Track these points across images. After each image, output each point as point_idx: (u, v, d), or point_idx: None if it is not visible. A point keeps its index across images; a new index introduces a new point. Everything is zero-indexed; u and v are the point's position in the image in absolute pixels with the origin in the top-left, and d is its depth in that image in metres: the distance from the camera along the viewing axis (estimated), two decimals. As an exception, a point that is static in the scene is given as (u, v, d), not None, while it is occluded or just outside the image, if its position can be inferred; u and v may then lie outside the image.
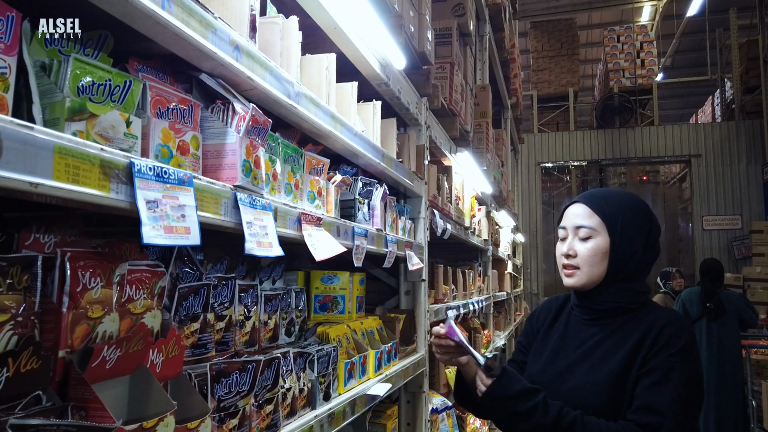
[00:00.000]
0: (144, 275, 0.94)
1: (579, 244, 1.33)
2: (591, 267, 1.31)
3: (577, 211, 1.36)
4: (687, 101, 16.35)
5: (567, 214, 1.39)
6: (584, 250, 1.32)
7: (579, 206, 1.36)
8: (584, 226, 1.33)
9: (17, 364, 0.71)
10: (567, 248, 1.35)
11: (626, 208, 1.33)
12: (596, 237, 1.31)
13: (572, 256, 1.34)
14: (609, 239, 1.30)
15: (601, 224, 1.31)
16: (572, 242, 1.35)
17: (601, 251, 1.31)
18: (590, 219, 1.33)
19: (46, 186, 0.66)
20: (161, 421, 0.82)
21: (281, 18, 1.29)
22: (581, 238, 1.33)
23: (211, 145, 1.04)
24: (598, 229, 1.31)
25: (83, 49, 0.88)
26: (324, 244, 1.30)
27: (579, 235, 1.33)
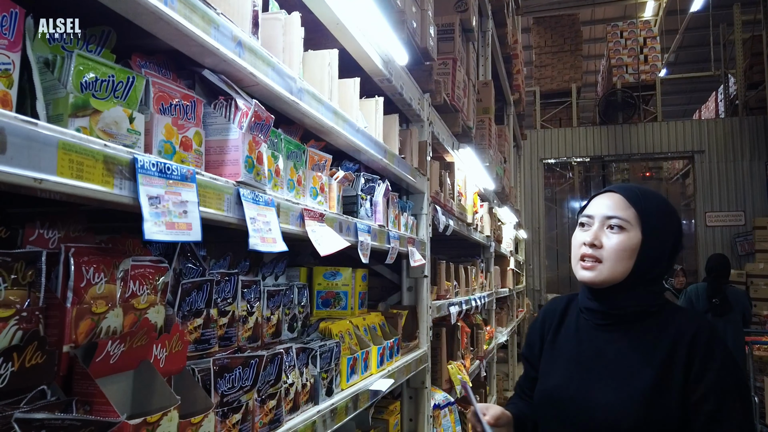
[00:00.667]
0: (147, 271, 0.95)
1: (607, 236, 1.22)
2: (616, 263, 1.20)
3: (610, 201, 1.25)
4: (690, 97, 16.29)
5: (597, 202, 1.27)
6: (613, 242, 1.20)
7: (614, 196, 1.25)
8: (617, 217, 1.21)
9: (22, 359, 0.71)
10: (592, 237, 1.22)
11: (661, 206, 1.24)
12: (629, 231, 1.21)
13: (597, 247, 1.22)
14: (641, 236, 1.21)
15: (636, 218, 1.21)
16: (598, 232, 1.23)
17: (630, 247, 1.20)
18: (626, 211, 1.22)
19: (50, 182, 0.66)
20: (165, 415, 0.83)
21: (283, 14, 1.29)
22: (611, 230, 1.22)
23: (213, 141, 1.04)
24: (632, 222, 1.21)
25: (86, 45, 0.89)
26: (328, 239, 1.30)
27: (608, 225, 1.22)
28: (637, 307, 1.22)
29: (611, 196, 1.26)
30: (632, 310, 1.22)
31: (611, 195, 1.26)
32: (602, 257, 1.21)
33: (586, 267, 1.22)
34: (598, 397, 1.19)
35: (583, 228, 1.26)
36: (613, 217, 1.22)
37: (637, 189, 1.26)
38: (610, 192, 1.27)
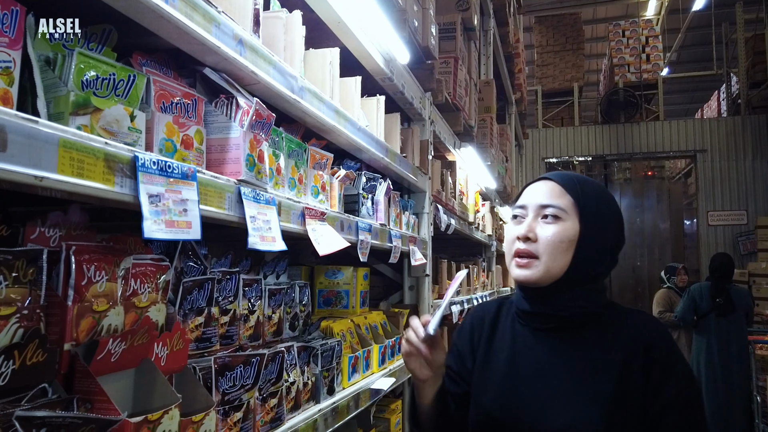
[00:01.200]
0: (148, 269, 0.95)
1: (542, 227, 1.07)
2: (553, 256, 1.05)
3: (544, 188, 1.11)
4: (693, 96, 16.25)
5: (530, 191, 1.14)
6: (548, 233, 1.06)
7: (548, 183, 1.12)
8: (552, 206, 1.07)
9: (23, 357, 0.71)
10: (525, 229, 1.07)
11: (600, 193, 1.12)
12: (565, 220, 1.07)
13: (531, 240, 1.07)
14: (579, 226, 1.07)
15: (572, 206, 1.08)
16: (532, 223, 1.08)
17: (568, 238, 1.06)
18: (561, 198, 1.08)
19: (50, 179, 0.66)
20: (166, 413, 0.83)
21: (285, 12, 1.28)
22: (546, 220, 1.07)
23: (214, 140, 1.04)
24: (568, 211, 1.07)
25: (87, 44, 0.89)
26: (328, 238, 1.30)
27: (543, 215, 1.08)
28: (581, 308, 1.08)
29: (545, 183, 1.13)
30: (576, 311, 1.07)
31: (545, 182, 1.13)
32: (538, 252, 1.06)
33: (521, 264, 1.08)
34: (551, 419, 1.02)
35: (516, 221, 1.13)
36: (548, 205, 1.08)
37: (573, 175, 1.14)
38: (544, 179, 1.14)
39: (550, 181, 1.12)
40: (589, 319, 1.08)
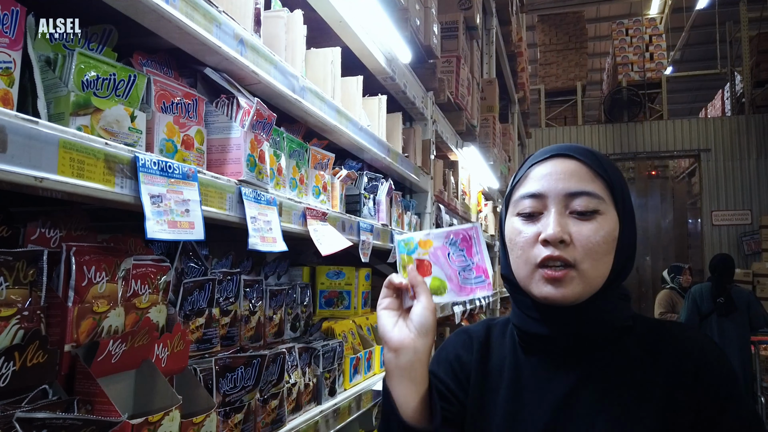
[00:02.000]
0: (149, 270, 0.94)
1: (576, 224, 0.79)
2: (595, 263, 0.78)
3: (568, 169, 0.82)
4: (696, 95, 16.19)
5: (545, 173, 0.83)
6: (589, 233, 0.78)
7: (572, 163, 0.82)
8: (588, 193, 0.79)
9: (24, 358, 0.71)
10: (556, 227, 0.78)
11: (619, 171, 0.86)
12: (605, 213, 0.80)
13: (565, 244, 0.78)
14: (617, 218, 0.81)
15: (608, 192, 0.81)
16: (561, 219, 0.79)
17: (611, 237, 0.79)
18: (593, 183, 0.81)
19: (50, 180, 0.66)
20: (167, 415, 0.83)
21: (286, 11, 1.28)
22: (579, 215, 0.79)
23: (215, 140, 1.04)
24: (606, 199, 0.80)
25: (88, 44, 0.88)
26: (329, 238, 1.29)
27: (574, 208, 0.80)
28: (612, 323, 0.82)
29: (567, 162, 0.82)
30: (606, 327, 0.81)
31: (566, 161, 0.83)
32: (575, 259, 0.78)
33: (555, 277, 0.78)
34: None
35: (530, 218, 0.82)
36: (581, 192, 0.80)
37: (590, 149, 0.86)
38: (561, 156, 0.83)
39: (573, 159, 0.82)
40: (619, 336, 0.83)
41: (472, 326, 0.98)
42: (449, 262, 0.84)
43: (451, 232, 0.84)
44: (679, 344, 0.81)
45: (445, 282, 0.84)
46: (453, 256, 0.84)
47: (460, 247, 0.84)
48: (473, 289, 0.83)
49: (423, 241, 0.84)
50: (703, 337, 0.83)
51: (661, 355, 0.81)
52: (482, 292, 0.83)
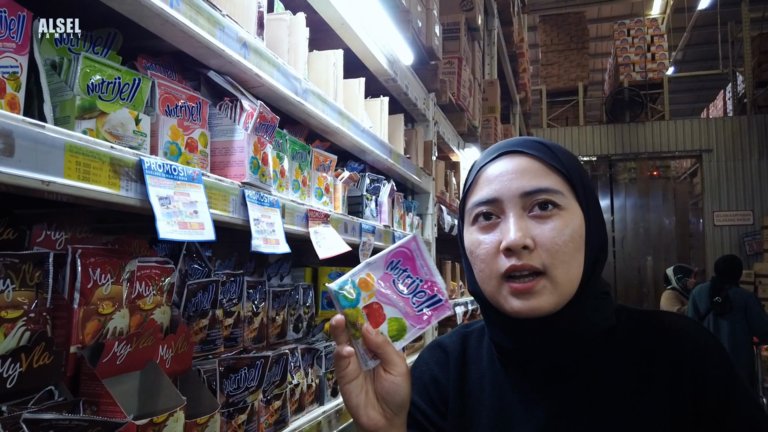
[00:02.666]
0: (153, 272, 0.95)
1: (537, 226, 0.72)
2: (566, 266, 0.71)
3: (519, 167, 0.74)
4: (698, 95, 16.17)
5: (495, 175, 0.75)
6: (553, 232, 0.71)
7: (521, 159, 0.75)
8: (544, 189, 0.72)
9: (30, 360, 0.72)
10: (517, 233, 0.70)
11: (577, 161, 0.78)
12: (566, 208, 0.72)
13: (529, 249, 0.70)
14: (581, 212, 0.74)
15: (566, 185, 0.74)
16: (521, 222, 0.72)
17: (577, 233, 0.72)
18: (549, 177, 0.73)
19: (57, 184, 0.67)
20: (171, 415, 0.83)
21: (289, 14, 1.29)
22: (537, 214, 0.72)
23: (219, 143, 1.04)
24: (566, 194, 0.73)
25: (93, 47, 0.89)
26: (329, 242, 1.30)
27: (532, 208, 0.72)
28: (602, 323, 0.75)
29: (516, 159, 0.75)
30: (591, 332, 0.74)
31: (513, 158, 0.75)
32: (543, 265, 0.70)
33: (523, 289, 0.70)
34: None
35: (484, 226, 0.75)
36: (537, 190, 0.72)
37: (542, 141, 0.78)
38: (513, 154, 0.76)
39: (523, 155, 0.75)
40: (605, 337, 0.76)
41: (446, 338, 0.89)
42: (398, 292, 0.72)
43: (390, 255, 0.73)
44: (672, 338, 0.74)
45: (402, 319, 0.72)
46: (399, 282, 0.73)
47: (402, 267, 0.73)
48: (430, 315, 0.73)
49: (363, 279, 0.72)
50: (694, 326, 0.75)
51: (654, 354, 0.73)
52: (441, 314, 0.73)
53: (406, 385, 0.70)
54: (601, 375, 0.74)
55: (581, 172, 0.77)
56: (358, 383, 0.71)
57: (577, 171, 0.76)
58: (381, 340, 0.70)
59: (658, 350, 0.73)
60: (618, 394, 0.72)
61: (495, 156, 0.77)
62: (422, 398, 0.84)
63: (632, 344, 0.75)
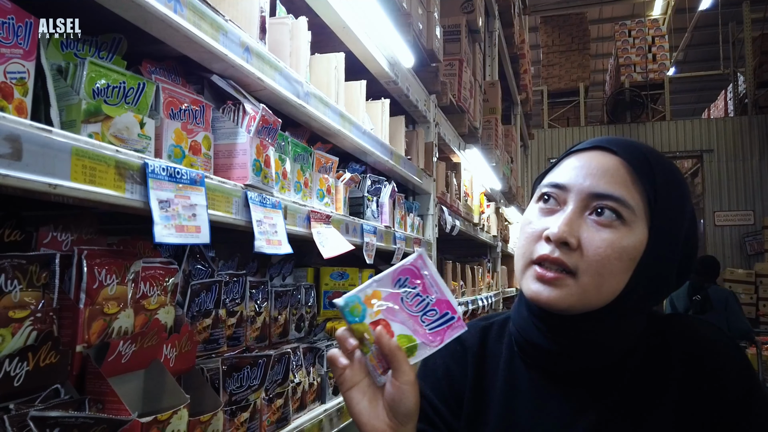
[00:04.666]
0: (157, 272, 0.97)
1: (591, 229, 0.69)
2: (602, 278, 0.68)
3: (603, 165, 0.71)
4: (699, 96, 16.16)
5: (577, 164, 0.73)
6: (602, 243, 0.68)
7: (611, 158, 0.72)
8: (615, 198, 0.69)
9: (36, 359, 0.73)
10: (564, 226, 0.69)
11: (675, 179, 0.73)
12: (630, 225, 0.69)
13: (570, 247, 0.69)
14: (647, 234, 0.70)
15: (643, 204, 0.70)
16: (576, 219, 0.70)
17: (629, 254, 0.69)
18: (628, 188, 0.70)
19: (64, 187, 0.68)
20: (175, 414, 0.85)
21: (290, 18, 1.30)
22: (598, 219, 0.69)
23: (222, 145, 1.06)
24: (636, 211, 0.69)
25: (98, 52, 0.91)
26: (332, 241, 1.31)
27: (596, 210, 0.70)
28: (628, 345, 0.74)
29: (605, 156, 0.72)
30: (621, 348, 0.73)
31: (605, 155, 0.73)
32: (577, 267, 0.69)
33: (545, 278, 0.70)
34: None
35: (545, 207, 0.74)
36: (607, 196, 0.69)
37: (642, 148, 0.73)
38: (603, 150, 0.73)
39: (614, 155, 0.72)
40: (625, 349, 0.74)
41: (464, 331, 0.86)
42: (406, 310, 0.70)
43: (397, 273, 0.71)
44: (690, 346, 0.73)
45: (412, 336, 0.70)
46: (408, 300, 0.71)
47: (411, 286, 0.71)
48: (444, 332, 0.70)
49: (369, 296, 0.70)
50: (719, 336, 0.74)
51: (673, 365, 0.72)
52: (455, 332, 0.71)
53: (414, 393, 0.68)
54: (619, 383, 0.72)
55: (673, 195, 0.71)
56: (360, 389, 0.69)
57: (667, 192, 0.71)
58: (395, 345, 0.67)
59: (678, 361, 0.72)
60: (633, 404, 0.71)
61: (589, 147, 0.75)
62: (434, 392, 0.82)
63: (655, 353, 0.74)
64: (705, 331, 0.74)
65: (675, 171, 0.74)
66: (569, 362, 0.73)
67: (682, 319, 0.77)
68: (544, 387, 0.75)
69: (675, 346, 0.73)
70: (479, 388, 0.80)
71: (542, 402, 0.74)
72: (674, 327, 0.75)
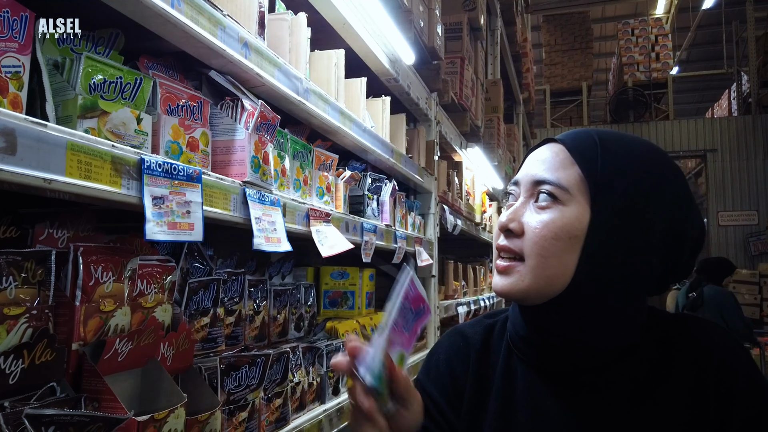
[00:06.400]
0: (155, 270, 0.96)
1: (530, 213, 0.73)
2: (544, 260, 0.70)
3: (544, 156, 0.75)
4: (703, 95, 16.12)
5: (529, 160, 0.77)
6: (536, 223, 0.71)
7: (552, 147, 0.75)
8: (548, 181, 0.72)
9: (32, 356, 0.73)
10: (509, 215, 0.74)
11: (639, 156, 0.72)
12: (566, 204, 0.71)
13: (514, 233, 0.73)
14: (590, 212, 0.70)
15: (580, 182, 0.71)
16: (521, 208, 0.74)
17: (566, 231, 0.69)
18: (564, 170, 0.72)
19: (59, 182, 0.68)
20: (172, 412, 0.84)
21: (290, 14, 1.29)
22: (538, 203, 0.73)
23: (220, 142, 1.05)
24: (571, 190, 0.71)
25: (95, 47, 0.90)
26: (332, 240, 1.31)
27: (537, 197, 0.73)
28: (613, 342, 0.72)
29: (549, 148, 0.76)
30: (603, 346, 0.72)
31: (550, 147, 0.76)
32: (522, 251, 0.71)
33: (500, 269, 0.73)
34: None
35: (508, 203, 0.78)
36: (543, 181, 0.72)
37: (595, 133, 0.74)
38: (551, 142, 0.77)
39: (556, 143, 0.75)
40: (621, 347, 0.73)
41: (468, 327, 0.86)
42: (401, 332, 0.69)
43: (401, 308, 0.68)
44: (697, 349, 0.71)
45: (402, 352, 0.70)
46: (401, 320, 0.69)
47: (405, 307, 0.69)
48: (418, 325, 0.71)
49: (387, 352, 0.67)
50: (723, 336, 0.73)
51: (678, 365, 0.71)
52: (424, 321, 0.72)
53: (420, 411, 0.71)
54: (620, 383, 0.71)
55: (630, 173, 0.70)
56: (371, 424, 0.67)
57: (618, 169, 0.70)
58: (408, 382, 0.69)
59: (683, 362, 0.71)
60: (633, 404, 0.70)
61: (541, 143, 0.79)
62: (437, 389, 0.83)
63: (656, 354, 0.73)
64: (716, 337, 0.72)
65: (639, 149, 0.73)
66: (557, 359, 0.73)
67: (690, 321, 0.75)
68: (541, 386, 0.75)
69: (680, 349, 0.72)
70: (479, 385, 0.80)
71: (539, 402, 0.74)
72: (681, 328, 0.74)
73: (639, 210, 0.70)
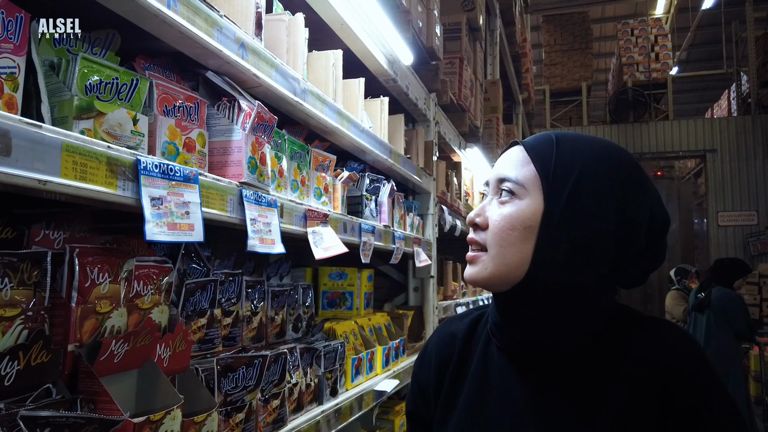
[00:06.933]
0: (151, 271, 0.96)
1: (494, 209, 0.80)
2: (502, 249, 0.77)
3: (508, 155, 0.84)
4: (702, 95, 16.12)
5: (497, 162, 0.86)
6: (495, 216, 0.79)
7: (514, 150, 0.84)
8: (509, 179, 0.80)
9: (28, 358, 0.72)
10: (475, 213, 0.83)
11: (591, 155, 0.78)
12: (522, 198, 0.78)
13: (480, 228, 0.81)
14: (543, 205, 0.76)
15: (534, 178, 0.78)
16: (487, 204, 0.82)
17: (521, 222, 0.77)
18: (521, 169, 0.79)
19: (54, 183, 0.67)
20: (168, 414, 0.84)
21: (287, 15, 1.29)
22: (500, 201, 0.80)
23: (217, 143, 1.05)
24: (527, 185, 0.78)
25: (91, 48, 0.90)
26: (327, 242, 1.30)
27: (500, 194, 0.81)
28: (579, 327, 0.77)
29: (514, 150, 0.84)
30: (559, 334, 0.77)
31: (515, 149, 0.84)
32: (485, 242, 0.80)
33: (468, 259, 0.82)
34: None
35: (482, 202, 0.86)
36: (503, 179, 0.81)
37: (552, 136, 0.82)
38: (514, 145, 0.85)
39: (518, 146, 0.84)
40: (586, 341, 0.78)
41: (459, 317, 0.94)
42: None
43: None
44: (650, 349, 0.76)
45: None
46: None
47: None
48: None
49: None
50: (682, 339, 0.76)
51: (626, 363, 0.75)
52: None
53: None
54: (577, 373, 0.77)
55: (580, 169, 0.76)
56: None
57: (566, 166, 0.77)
58: None
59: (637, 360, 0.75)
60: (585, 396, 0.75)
61: (508, 146, 0.87)
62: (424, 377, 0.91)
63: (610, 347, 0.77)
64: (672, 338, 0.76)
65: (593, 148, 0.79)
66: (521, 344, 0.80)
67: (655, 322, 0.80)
68: (511, 371, 0.81)
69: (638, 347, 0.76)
70: (459, 369, 0.87)
71: (508, 385, 0.80)
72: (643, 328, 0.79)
73: (588, 200, 0.76)
